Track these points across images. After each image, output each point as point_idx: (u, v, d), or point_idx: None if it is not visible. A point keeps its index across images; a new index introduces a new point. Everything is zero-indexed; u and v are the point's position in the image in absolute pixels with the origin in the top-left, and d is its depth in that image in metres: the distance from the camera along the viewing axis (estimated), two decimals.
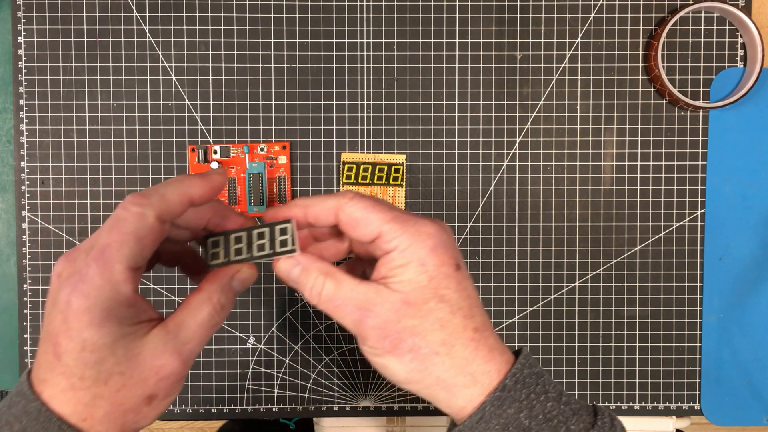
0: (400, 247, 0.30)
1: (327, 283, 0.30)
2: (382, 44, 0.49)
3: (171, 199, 0.29)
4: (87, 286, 0.27)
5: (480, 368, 0.30)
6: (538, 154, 0.50)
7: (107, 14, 0.49)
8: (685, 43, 0.49)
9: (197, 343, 0.29)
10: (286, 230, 0.31)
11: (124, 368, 0.27)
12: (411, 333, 0.29)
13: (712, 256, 0.50)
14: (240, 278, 0.31)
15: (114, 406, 0.28)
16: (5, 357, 0.50)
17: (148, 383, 0.28)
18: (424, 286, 0.29)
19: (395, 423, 0.52)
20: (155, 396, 0.29)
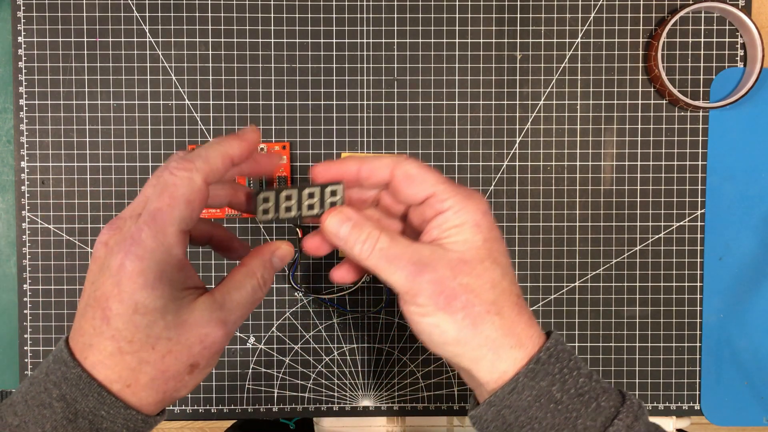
0: (454, 208, 0.30)
1: (383, 237, 0.30)
2: (382, 44, 0.49)
3: (214, 162, 0.29)
4: (140, 249, 0.27)
5: (524, 332, 0.30)
6: (538, 154, 0.50)
7: (107, 14, 0.49)
8: (685, 43, 0.49)
9: (240, 315, 0.30)
10: (336, 192, 0.32)
11: (171, 334, 0.28)
12: (465, 290, 0.29)
13: (712, 256, 0.50)
14: (279, 255, 0.32)
15: (158, 372, 0.28)
16: (5, 357, 0.50)
17: (193, 351, 0.28)
18: (479, 247, 0.30)
19: (395, 423, 0.52)
20: (197, 365, 0.29)
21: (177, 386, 0.29)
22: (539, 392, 0.29)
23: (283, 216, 0.32)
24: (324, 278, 0.50)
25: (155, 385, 0.28)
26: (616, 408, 0.29)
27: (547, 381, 0.29)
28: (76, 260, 0.49)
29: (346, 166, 0.32)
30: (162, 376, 0.28)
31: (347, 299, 0.50)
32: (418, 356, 0.50)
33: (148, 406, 0.29)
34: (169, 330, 0.28)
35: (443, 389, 0.51)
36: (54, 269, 0.49)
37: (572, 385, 0.29)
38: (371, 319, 0.50)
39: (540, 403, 0.29)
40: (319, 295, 0.50)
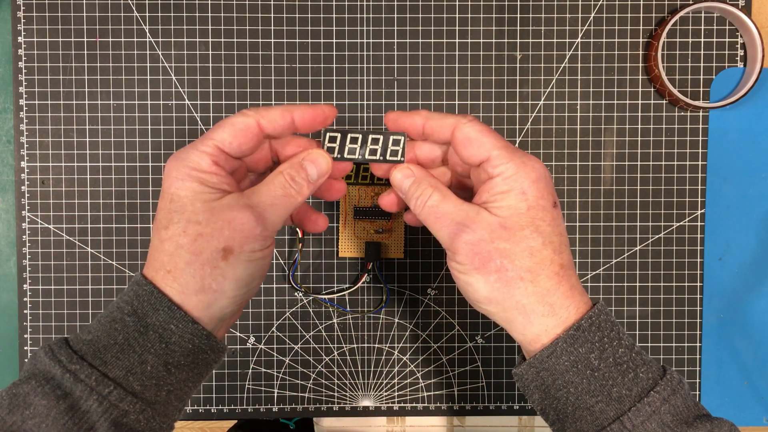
0: (504, 174, 0.31)
1: (434, 195, 0.33)
2: (382, 44, 0.49)
3: (274, 113, 0.32)
4: (181, 154, 0.31)
5: (560, 302, 0.31)
6: (538, 154, 0.50)
7: (107, 14, 0.49)
8: (685, 43, 0.49)
9: (270, 205, 0.32)
10: (399, 141, 0.34)
11: (200, 218, 0.30)
12: (501, 254, 0.31)
13: (712, 256, 0.50)
14: (310, 158, 0.33)
15: (193, 255, 0.30)
16: (5, 357, 0.50)
17: (223, 233, 0.30)
18: (522, 214, 0.31)
19: (395, 423, 0.52)
20: (230, 249, 0.30)
21: (213, 273, 0.30)
22: (577, 358, 0.30)
23: (347, 155, 0.34)
24: (324, 278, 0.50)
25: (192, 269, 0.30)
26: (655, 380, 0.30)
27: (586, 348, 0.30)
28: (76, 260, 0.49)
29: (414, 119, 0.34)
30: (197, 260, 0.30)
31: (347, 299, 0.50)
32: (418, 356, 0.50)
33: (191, 295, 0.30)
34: (198, 215, 0.30)
35: (443, 389, 0.51)
36: (54, 269, 0.49)
37: (611, 354, 0.30)
38: (371, 319, 0.50)
39: (577, 368, 0.30)
40: (319, 295, 0.50)
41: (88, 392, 0.28)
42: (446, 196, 0.33)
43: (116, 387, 0.29)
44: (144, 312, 0.30)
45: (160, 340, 0.30)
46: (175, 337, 0.30)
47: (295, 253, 0.50)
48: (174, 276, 0.30)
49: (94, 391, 0.28)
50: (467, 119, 0.32)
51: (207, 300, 0.31)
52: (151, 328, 0.30)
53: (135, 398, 0.29)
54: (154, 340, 0.30)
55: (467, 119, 0.32)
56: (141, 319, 0.30)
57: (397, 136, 0.34)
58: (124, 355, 0.29)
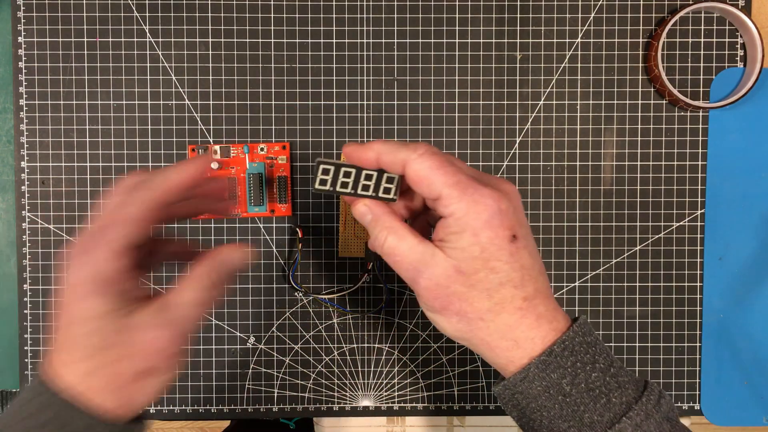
0: (455, 215, 0.30)
1: (389, 238, 0.32)
2: (382, 44, 0.49)
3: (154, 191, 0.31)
4: (87, 259, 0.29)
5: (524, 335, 0.31)
6: (538, 154, 0.50)
7: (107, 14, 0.49)
8: (685, 43, 0.49)
9: (187, 319, 0.30)
10: (393, 181, 0.33)
11: (118, 340, 0.29)
12: (459, 298, 0.31)
13: (712, 256, 0.50)
14: (225, 258, 0.32)
15: (112, 377, 0.29)
16: (5, 357, 0.50)
17: (143, 356, 0.29)
18: (476, 257, 0.30)
19: (395, 423, 0.52)
20: (153, 369, 0.29)
21: (134, 393, 0.29)
22: (549, 383, 0.30)
23: (338, 189, 0.34)
24: (324, 278, 0.50)
25: (111, 389, 0.29)
26: (629, 405, 0.30)
27: (558, 374, 0.30)
28: None
29: (368, 154, 0.33)
30: (116, 381, 0.29)
31: (347, 299, 0.50)
32: (418, 356, 0.50)
33: (110, 411, 0.29)
34: (117, 335, 0.29)
35: (443, 389, 0.51)
36: (54, 269, 0.49)
37: (583, 379, 0.30)
38: (371, 319, 0.50)
39: (549, 393, 0.30)
40: (319, 295, 0.50)
41: None
42: (402, 236, 0.32)
43: None
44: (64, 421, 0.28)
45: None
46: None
47: (295, 253, 0.50)
48: (89, 396, 0.29)
49: None
50: (418, 152, 0.31)
51: (123, 412, 0.30)
52: None
53: None
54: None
55: (418, 152, 0.31)
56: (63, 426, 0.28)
57: (392, 175, 0.33)
58: None
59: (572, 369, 0.30)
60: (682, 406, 0.50)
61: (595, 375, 0.30)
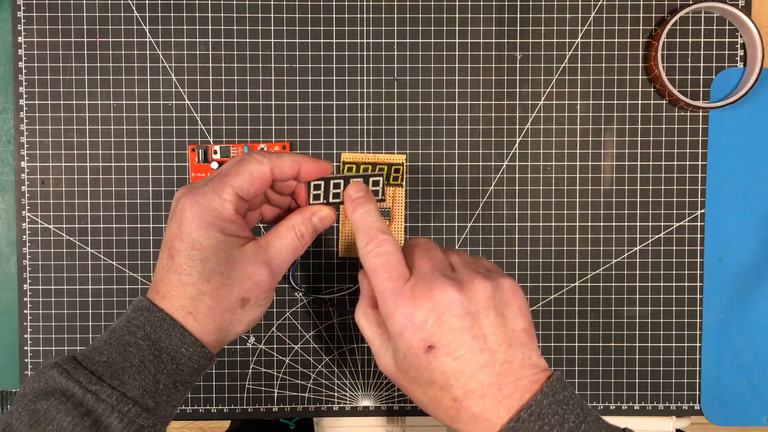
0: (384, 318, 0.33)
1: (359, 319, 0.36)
2: (382, 44, 0.49)
3: (284, 161, 0.35)
4: (201, 198, 0.33)
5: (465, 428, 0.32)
6: (538, 154, 0.50)
7: (107, 14, 0.49)
8: (685, 43, 0.49)
9: (282, 260, 0.35)
10: (378, 182, 0.37)
11: (223, 269, 0.33)
12: (404, 388, 0.34)
13: (712, 256, 0.50)
14: (319, 215, 0.37)
15: (215, 302, 0.33)
16: (5, 357, 0.50)
17: (243, 286, 0.34)
18: (401, 360, 0.33)
19: (395, 423, 0.52)
20: (248, 300, 0.34)
21: (231, 318, 0.34)
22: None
23: (332, 200, 0.37)
24: (324, 278, 0.50)
25: (213, 314, 0.33)
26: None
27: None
28: (76, 260, 0.49)
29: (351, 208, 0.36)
30: (218, 307, 0.33)
31: (347, 299, 0.50)
32: None
33: (209, 334, 0.34)
34: (221, 265, 0.33)
35: None
36: (54, 269, 0.49)
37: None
38: None
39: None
40: (319, 295, 0.50)
41: (110, 410, 0.31)
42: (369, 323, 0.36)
43: (134, 405, 0.31)
44: (157, 337, 0.33)
45: (172, 362, 0.33)
46: (185, 359, 0.33)
47: None
48: (195, 318, 0.33)
49: (115, 410, 0.31)
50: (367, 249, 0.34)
51: (221, 337, 0.35)
52: (165, 351, 0.33)
53: (149, 413, 0.32)
54: (167, 362, 0.33)
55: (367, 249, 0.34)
56: (155, 343, 0.33)
57: (376, 177, 0.37)
58: (140, 376, 0.32)
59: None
60: (682, 406, 0.50)
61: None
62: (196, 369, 0.34)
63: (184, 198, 0.34)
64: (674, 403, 0.50)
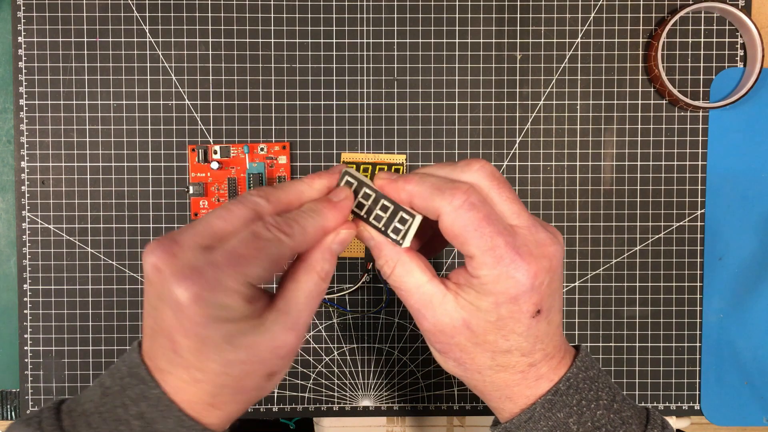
0: (483, 280, 0.28)
1: (397, 270, 0.30)
2: (382, 44, 0.49)
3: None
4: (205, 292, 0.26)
5: (520, 392, 0.30)
6: (538, 154, 0.50)
7: (107, 14, 0.49)
8: (685, 43, 0.49)
9: (308, 314, 0.29)
10: (406, 221, 0.30)
11: (242, 356, 0.27)
12: (461, 350, 0.29)
13: (712, 256, 0.50)
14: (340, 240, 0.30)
15: (238, 390, 0.28)
16: (5, 357, 0.50)
17: (268, 364, 0.28)
18: (490, 322, 0.28)
19: (395, 423, 0.52)
20: (275, 373, 0.29)
21: (258, 394, 0.29)
22: (555, 423, 0.29)
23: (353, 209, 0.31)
24: None
25: (236, 399, 0.28)
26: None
27: (564, 413, 0.29)
28: (76, 260, 0.49)
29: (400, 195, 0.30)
30: (242, 391, 0.28)
31: (347, 299, 0.50)
32: (418, 356, 0.50)
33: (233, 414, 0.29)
34: (239, 352, 0.27)
35: (443, 389, 0.51)
36: (54, 269, 0.49)
37: (589, 417, 0.29)
38: (371, 319, 0.50)
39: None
40: None
41: None
42: (410, 270, 0.29)
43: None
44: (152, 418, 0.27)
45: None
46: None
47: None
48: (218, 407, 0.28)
49: None
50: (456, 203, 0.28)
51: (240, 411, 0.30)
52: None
53: None
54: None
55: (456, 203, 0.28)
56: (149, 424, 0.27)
57: (408, 215, 0.30)
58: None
59: (578, 407, 0.29)
60: (682, 406, 0.50)
61: (600, 413, 0.29)
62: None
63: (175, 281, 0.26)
64: (674, 403, 0.50)
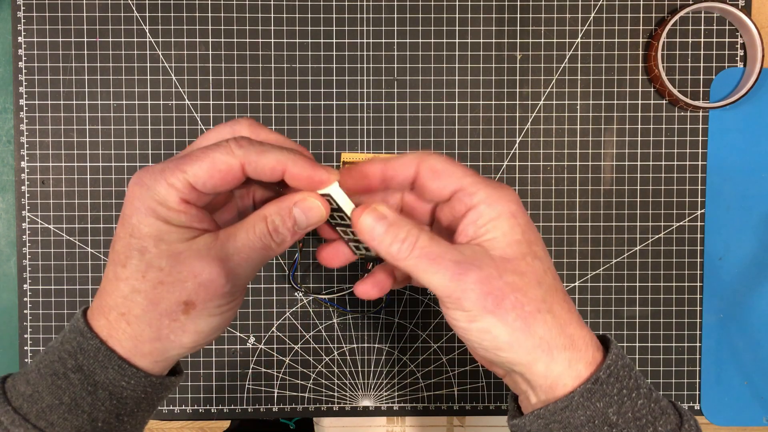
0: (486, 201, 0.28)
1: (423, 235, 0.28)
2: (382, 44, 0.49)
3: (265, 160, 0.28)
4: (148, 179, 0.27)
5: (577, 332, 0.28)
6: (538, 154, 0.50)
7: (107, 14, 0.49)
8: (685, 43, 0.49)
9: (244, 259, 0.28)
10: None
11: (163, 263, 0.27)
12: (513, 289, 0.27)
13: (712, 256, 0.50)
14: (304, 205, 0.29)
15: (151, 304, 0.27)
16: (5, 357, 0.50)
17: (185, 285, 0.27)
18: (519, 240, 0.28)
19: (395, 423, 0.52)
20: (193, 304, 0.27)
21: (172, 326, 0.27)
22: (594, 413, 0.28)
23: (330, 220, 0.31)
24: (324, 278, 0.50)
25: (148, 317, 0.27)
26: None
27: (604, 402, 0.28)
28: (76, 260, 0.49)
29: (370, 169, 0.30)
30: (155, 310, 0.27)
31: (347, 299, 0.50)
32: (418, 356, 0.50)
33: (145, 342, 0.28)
34: (161, 259, 0.27)
35: (443, 389, 0.51)
36: (54, 269, 0.49)
37: (630, 407, 0.28)
38: (371, 319, 0.50)
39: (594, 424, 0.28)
40: (319, 295, 0.50)
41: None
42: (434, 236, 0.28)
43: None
44: (91, 369, 0.27)
45: (111, 397, 0.28)
46: (127, 392, 0.28)
47: (295, 253, 0.50)
48: (128, 320, 0.27)
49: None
50: (428, 152, 0.29)
51: (162, 348, 0.28)
52: (101, 386, 0.27)
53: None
54: (104, 399, 0.27)
55: (428, 152, 0.29)
56: (88, 377, 0.27)
57: None
58: (72, 416, 0.27)
59: (618, 397, 0.28)
60: (683, 406, 0.50)
61: (641, 402, 0.28)
62: (143, 398, 0.29)
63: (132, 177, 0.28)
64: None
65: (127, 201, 0.27)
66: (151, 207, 0.27)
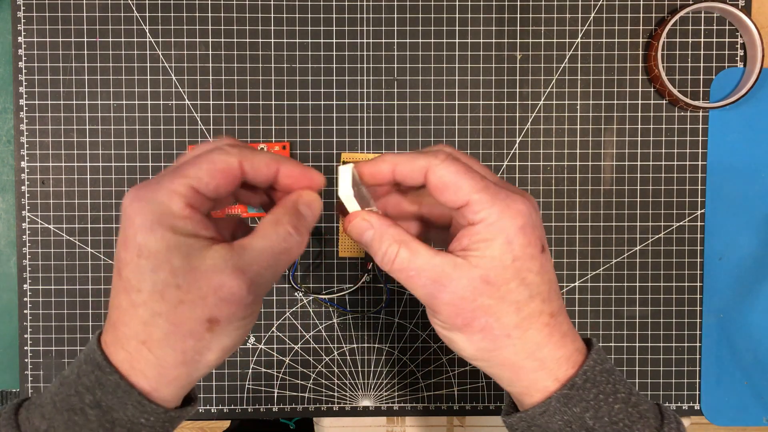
0: (487, 221, 0.28)
1: (401, 252, 0.28)
2: (382, 44, 0.49)
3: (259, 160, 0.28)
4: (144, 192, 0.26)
5: (550, 354, 0.29)
6: (538, 154, 0.50)
7: (107, 14, 0.49)
8: (685, 43, 0.49)
9: (264, 266, 0.27)
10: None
11: (180, 281, 0.25)
12: (485, 312, 0.28)
13: (712, 256, 0.50)
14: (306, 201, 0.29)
15: (173, 326, 0.26)
16: (5, 357, 0.50)
17: (207, 302, 0.26)
18: (507, 266, 0.28)
19: (395, 423, 0.52)
20: (217, 320, 0.26)
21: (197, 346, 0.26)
22: (571, 417, 0.28)
23: None
24: (324, 278, 0.50)
25: (171, 342, 0.26)
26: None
27: (581, 407, 0.28)
28: (76, 260, 0.49)
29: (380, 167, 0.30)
30: (178, 332, 0.26)
31: (347, 299, 0.50)
32: (418, 356, 0.50)
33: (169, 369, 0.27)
34: (177, 276, 0.25)
35: (443, 389, 0.51)
36: (54, 269, 0.49)
37: (606, 412, 0.28)
38: (371, 319, 0.50)
39: (571, 429, 0.28)
40: (319, 295, 0.50)
41: None
42: (415, 250, 0.28)
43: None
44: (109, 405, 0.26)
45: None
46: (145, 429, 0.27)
47: None
48: (149, 348, 0.26)
49: None
50: (440, 158, 0.28)
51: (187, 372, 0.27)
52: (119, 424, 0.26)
53: None
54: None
55: (440, 158, 0.28)
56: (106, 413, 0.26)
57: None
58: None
59: (594, 402, 0.28)
60: (682, 406, 0.50)
61: (618, 406, 0.28)
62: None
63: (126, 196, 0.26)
64: (674, 403, 0.50)
65: (126, 222, 0.26)
66: (155, 220, 0.25)
